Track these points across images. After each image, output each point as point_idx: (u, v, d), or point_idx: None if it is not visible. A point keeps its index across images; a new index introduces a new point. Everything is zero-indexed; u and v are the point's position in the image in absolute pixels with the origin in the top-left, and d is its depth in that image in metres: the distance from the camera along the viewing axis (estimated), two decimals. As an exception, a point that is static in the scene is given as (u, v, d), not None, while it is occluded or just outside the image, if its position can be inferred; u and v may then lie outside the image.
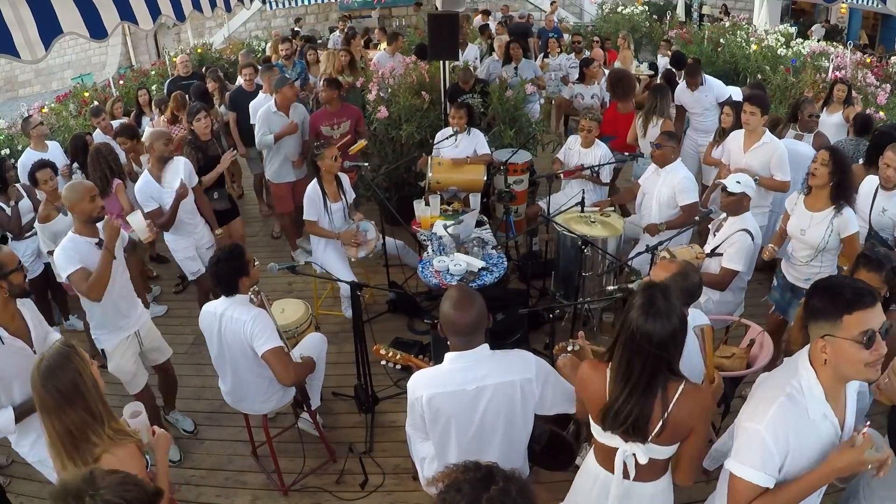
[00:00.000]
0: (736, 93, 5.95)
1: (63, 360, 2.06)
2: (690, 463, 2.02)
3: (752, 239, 3.49)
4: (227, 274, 3.00)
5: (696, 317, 2.61)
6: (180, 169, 4.33)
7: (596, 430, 2.05)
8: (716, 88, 5.90)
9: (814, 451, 1.80)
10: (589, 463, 2.18)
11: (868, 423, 1.95)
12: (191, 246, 4.50)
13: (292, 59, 7.54)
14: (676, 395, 1.89)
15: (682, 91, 6.07)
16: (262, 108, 5.40)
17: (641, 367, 1.87)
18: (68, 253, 3.15)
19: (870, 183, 3.72)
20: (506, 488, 1.31)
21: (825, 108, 5.59)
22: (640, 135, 5.45)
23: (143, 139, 5.14)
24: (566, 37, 10.39)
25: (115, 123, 5.82)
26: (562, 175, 5.05)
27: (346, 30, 10.57)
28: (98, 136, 5.63)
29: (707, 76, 5.95)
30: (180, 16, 3.96)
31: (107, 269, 3.12)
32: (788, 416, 1.75)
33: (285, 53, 7.37)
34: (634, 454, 1.97)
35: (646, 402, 1.88)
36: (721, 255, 3.56)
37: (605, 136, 5.94)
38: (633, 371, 1.88)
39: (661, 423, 1.88)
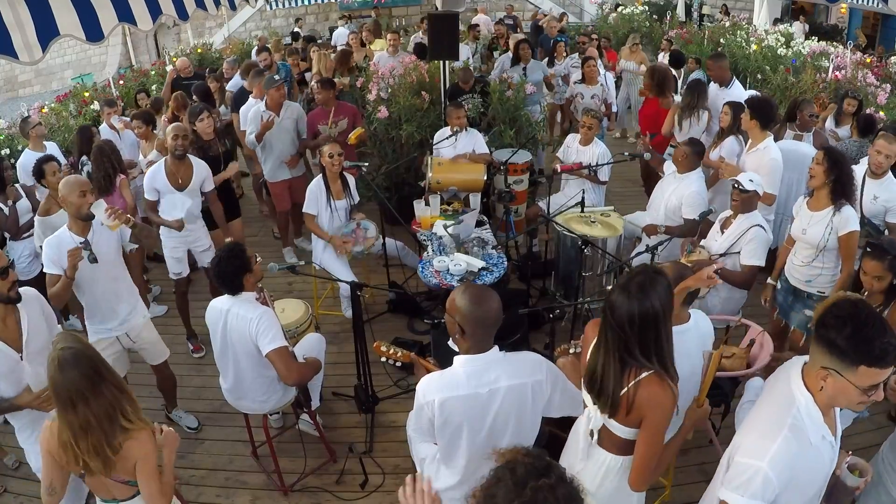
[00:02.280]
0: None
1: (78, 345, 2.07)
2: (640, 462, 2.02)
3: (766, 230, 3.56)
4: (231, 272, 2.99)
5: (698, 318, 2.61)
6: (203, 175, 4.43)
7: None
8: (737, 93, 5.52)
9: (816, 474, 1.81)
10: (580, 419, 2.31)
11: (850, 452, 1.99)
12: (181, 246, 4.49)
13: (274, 67, 7.46)
14: (638, 379, 1.96)
15: (710, 87, 5.81)
16: (252, 108, 5.43)
17: (606, 335, 2.02)
18: (53, 252, 3.18)
19: (856, 171, 3.69)
20: (554, 486, 1.28)
21: (836, 123, 5.52)
22: (677, 131, 5.32)
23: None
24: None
25: (115, 120, 5.83)
26: (558, 168, 5.00)
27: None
28: (103, 129, 5.63)
29: (736, 81, 5.68)
30: (183, 15, 3.94)
31: (63, 291, 3.19)
32: (792, 450, 1.72)
33: (264, 64, 7.26)
34: (593, 417, 2.12)
35: (612, 372, 2.00)
36: (736, 253, 3.59)
37: (650, 133, 5.91)
38: (601, 336, 2.05)
39: (618, 398, 1.99)
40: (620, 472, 2.14)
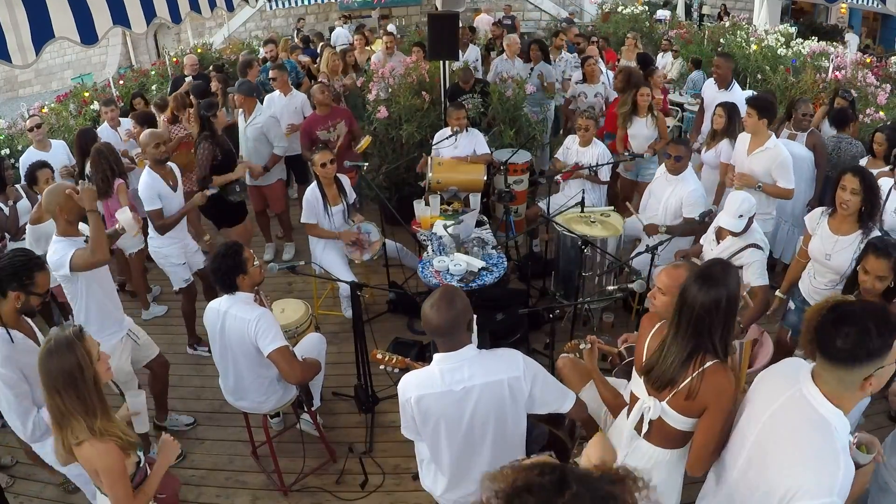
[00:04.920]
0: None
1: (65, 349, 2.10)
2: (700, 448, 2.09)
3: (762, 248, 3.44)
4: (225, 270, 3.00)
5: None
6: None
7: (633, 377, 2.29)
8: (737, 97, 5.37)
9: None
10: (622, 414, 2.39)
11: (855, 435, 1.99)
12: (181, 253, 4.42)
13: (279, 60, 7.51)
14: (704, 367, 2.04)
15: (709, 85, 5.81)
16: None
17: (686, 324, 2.06)
18: (60, 253, 3.11)
19: (884, 184, 3.63)
20: (579, 493, 1.17)
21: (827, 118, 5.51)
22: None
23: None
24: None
25: (123, 129, 5.81)
26: (560, 178, 5.03)
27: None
28: (104, 128, 5.62)
29: (736, 84, 5.62)
30: (176, 18, 3.95)
31: (101, 232, 3.06)
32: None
33: (271, 55, 7.38)
34: (650, 407, 2.15)
35: (681, 361, 2.06)
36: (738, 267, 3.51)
37: (608, 132, 5.90)
38: (674, 323, 2.10)
39: (681, 385, 2.06)
40: (668, 465, 2.19)
